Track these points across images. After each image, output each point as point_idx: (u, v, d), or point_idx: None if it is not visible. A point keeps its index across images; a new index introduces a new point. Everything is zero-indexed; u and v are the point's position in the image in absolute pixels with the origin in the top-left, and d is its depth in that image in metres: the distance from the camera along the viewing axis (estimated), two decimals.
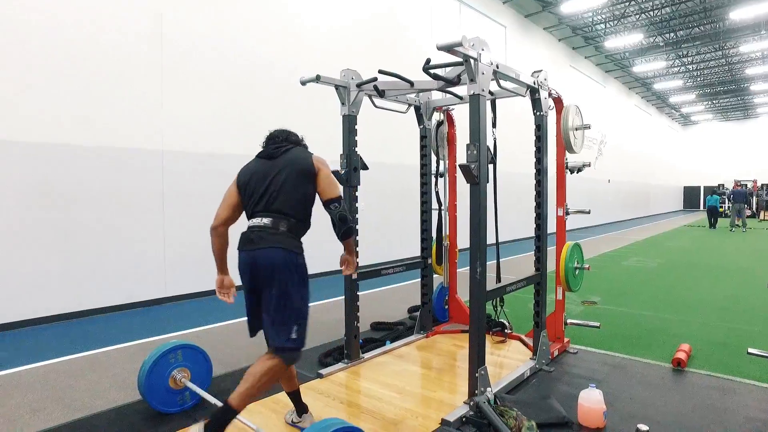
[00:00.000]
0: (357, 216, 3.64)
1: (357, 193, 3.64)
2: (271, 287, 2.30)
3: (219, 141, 6.51)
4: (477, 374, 2.85)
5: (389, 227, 8.85)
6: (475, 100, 2.85)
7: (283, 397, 3.06)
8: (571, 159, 4.08)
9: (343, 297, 3.70)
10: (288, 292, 2.30)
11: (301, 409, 2.70)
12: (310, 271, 2.48)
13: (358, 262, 2.60)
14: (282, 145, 2.55)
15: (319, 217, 2.62)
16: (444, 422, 2.73)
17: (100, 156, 5.42)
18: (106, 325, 5.09)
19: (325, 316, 5.32)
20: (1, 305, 4.79)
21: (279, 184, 2.39)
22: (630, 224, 20.57)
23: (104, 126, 5.46)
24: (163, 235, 5.93)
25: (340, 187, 2.46)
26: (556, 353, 3.88)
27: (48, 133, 5.06)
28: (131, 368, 3.76)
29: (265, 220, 2.36)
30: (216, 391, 2.96)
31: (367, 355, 3.79)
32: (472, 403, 2.83)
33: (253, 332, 2.50)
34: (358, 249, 3.63)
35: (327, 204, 2.48)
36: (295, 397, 2.67)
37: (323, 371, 3.44)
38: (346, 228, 2.50)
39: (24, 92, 4.90)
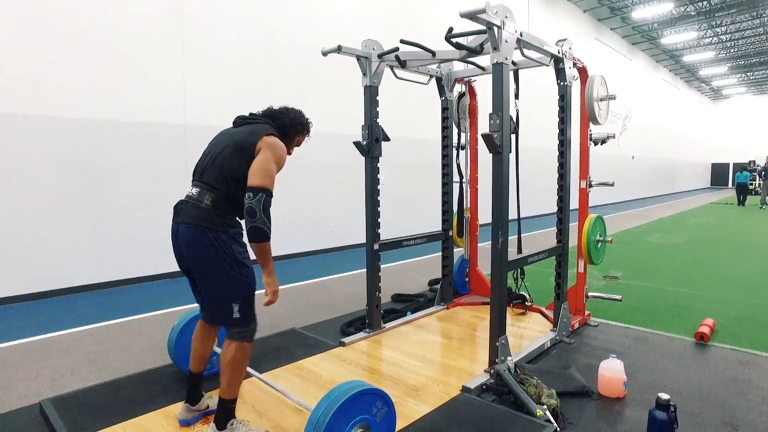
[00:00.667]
0: (379, 187, 3.66)
1: (378, 165, 3.65)
2: (198, 268, 2.18)
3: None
4: (498, 343, 2.89)
5: (409, 202, 8.86)
6: (498, 69, 2.81)
7: (306, 363, 3.17)
8: (595, 130, 4.02)
9: (365, 269, 3.74)
10: (215, 274, 2.13)
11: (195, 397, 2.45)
12: (339, 243, 2.41)
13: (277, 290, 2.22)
14: (255, 119, 2.37)
15: (340, 189, 2.62)
16: (464, 389, 2.78)
17: (126, 130, 5.53)
18: (135, 294, 5.27)
19: (347, 288, 5.41)
20: (41, 274, 4.99)
21: (218, 155, 2.21)
22: (654, 201, 20.17)
23: (129, 101, 5.55)
24: None
25: (270, 179, 2.12)
26: (576, 326, 3.89)
27: (77, 108, 5.16)
28: (161, 334, 3.91)
29: (194, 191, 2.20)
30: None
31: (388, 325, 3.85)
32: (492, 371, 2.87)
33: (200, 308, 2.42)
34: (379, 221, 3.67)
35: (246, 190, 2.10)
36: (196, 380, 2.44)
37: (345, 340, 3.52)
38: (251, 225, 2.05)
39: (52, 68, 4.99)
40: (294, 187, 6.93)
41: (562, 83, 3.61)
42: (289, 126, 2.42)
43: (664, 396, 2.31)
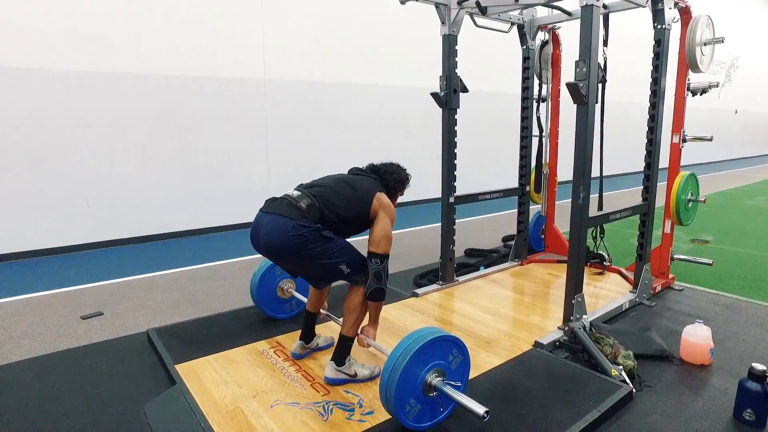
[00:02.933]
0: (456, 139, 3.60)
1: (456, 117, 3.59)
2: (287, 259, 2.28)
3: (316, 70, 6.63)
4: (573, 300, 2.83)
5: (484, 156, 8.66)
6: (587, 12, 2.62)
7: (385, 314, 3.28)
8: (694, 79, 3.66)
9: (438, 224, 3.76)
10: (309, 257, 2.22)
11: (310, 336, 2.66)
12: (412, 198, 2.43)
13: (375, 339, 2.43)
14: (366, 171, 2.56)
15: (414, 143, 2.61)
16: (537, 344, 2.78)
17: (210, 85, 5.80)
18: (220, 241, 5.67)
19: (419, 241, 5.48)
20: (140, 221, 5.49)
21: (333, 184, 2.37)
22: (759, 161, 18.23)
23: (212, 57, 5.78)
24: (266, 159, 6.32)
25: (391, 244, 2.31)
26: (658, 288, 3.71)
27: (166, 66, 5.47)
28: (244, 279, 4.20)
29: (294, 193, 2.32)
30: None
31: (461, 279, 3.88)
32: (566, 328, 2.84)
33: (292, 275, 2.64)
34: (455, 174, 3.65)
35: (371, 255, 2.28)
36: (312, 321, 2.65)
37: (418, 291, 3.60)
38: (375, 287, 2.27)
39: (146, 28, 5.29)
40: (369, 140, 6.99)
41: (659, 26, 3.29)
42: (393, 187, 2.58)
43: (760, 366, 2.16)
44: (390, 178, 2.56)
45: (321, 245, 2.23)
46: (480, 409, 1.85)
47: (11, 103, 4.66)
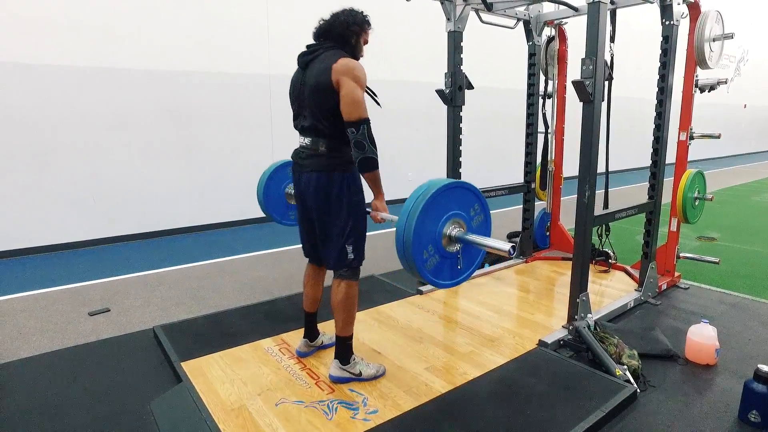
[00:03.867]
0: (461, 137, 3.59)
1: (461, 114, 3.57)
2: (318, 210, 2.24)
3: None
4: (578, 299, 2.82)
5: (489, 152, 8.63)
6: (594, 9, 2.59)
7: (384, 309, 3.30)
8: (702, 75, 3.62)
9: None
10: (335, 219, 2.22)
11: (313, 334, 2.66)
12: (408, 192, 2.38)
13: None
14: (314, 50, 2.24)
15: (419, 137, 2.59)
16: (541, 343, 2.77)
17: (215, 80, 5.80)
18: (226, 237, 5.69)
19: None
20: (146, 217, 5.52)
21: (306, 101, 2.21)
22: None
23: (218, 52, 5.78)
24: (271, 154, 6.32)
25: (362, 107, 2.09)
26: (664, 287, 3.69)
27: (172, 61, 5.47)
28: (251, 275, 4.22)
29: (306, 140, 2.25)
30: None
31: None
32: (571, 327, 2.83)
33: (306, 253, 2.52)
34: (460, 172, 3.63)
35: (345, 125, 2.11)
36: (312, 320, 2.63)
37: (422, 288, 3.60)
38: (361, 156, 2.10)
39: (151, 24, 5.28)
40: (374, 134, 6.96)
41: (667, 22, 3.26)
42: (345, 34, 2.25)
43: (765, 368, 2.14)
44: (335, 27, 2.24)
45: (349, 208, 2.21)
46: (505, 245, 1.78)
47: (18, 98, 4.68)
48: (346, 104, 2.09)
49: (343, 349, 2.37)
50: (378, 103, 2.33)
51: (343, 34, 2.25)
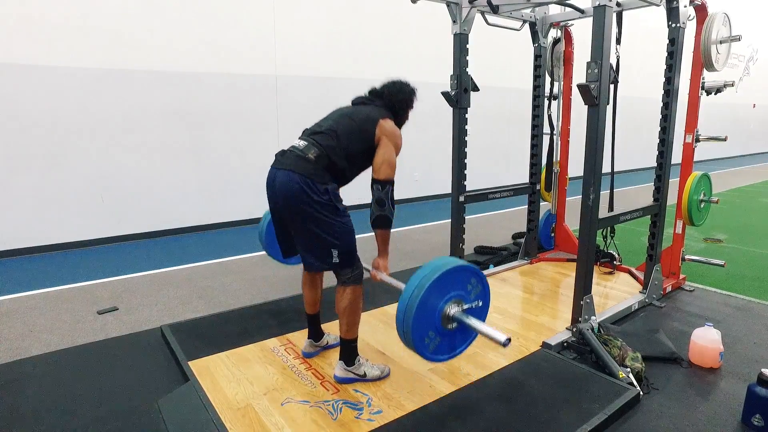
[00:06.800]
0: (466, 139, 3.60)
1: (466, 116, 3.59)
2: (293, 216, 2.19)
3: (327, 64, 6.65)
4: (582, 302, 2.83)
5: (495, 153, 8.63)
6: (600, 12, 2.60)
7: (389, 309, 3.32)
8: (709, 78, 3.61)
9: (448, 220, 3.77)
10: (314, 222, 2.16)
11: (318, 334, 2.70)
12: (423, 193, 2.37)
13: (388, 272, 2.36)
14: (369, 100, 2.43)
15: (425, 138, 2.61)
16: (545, 345, 2.79)
17: (224, 81, 5.84)
18: (232, 236, 5.73)
19: (429, 238, 5.49)
20: (154, 216, 5.57)
21: (335, 123, 2.29)
22: None
23: (225, 53, 5.82)
24: None
25: (394, 170, 2.23)
26: (669, 289, 3.69)
27: (179, 62, 5.52)
28: (257, 275, 4.26)
29: (301, 143, 2.24)
30: None
31: None
32: (574, 329, 2.84)
33: (284, 254, 2.50)
34: (465, 173, 3.65)
35: (373, 181, 2.23)
36: (315, 321, 2.66)
37: None
38: (380, 213, 2.20)
39: (159, 25, 5.33)
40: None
41: (674, 25, 3.26)
42: (399, 110, 2.46)
43: None
44: (394, 99, 2.42)
45: (327, 213, 2.16)
46: (501, 336, 1.80)
47: (30, 100, 4.75)
48: (382, 163, 2.22)
49: (348, 351, 2.39)
50: None
51: (396, 105, 2.44)
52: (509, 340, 1.80)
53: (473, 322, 1.88)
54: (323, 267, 2.30)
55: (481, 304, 2.00)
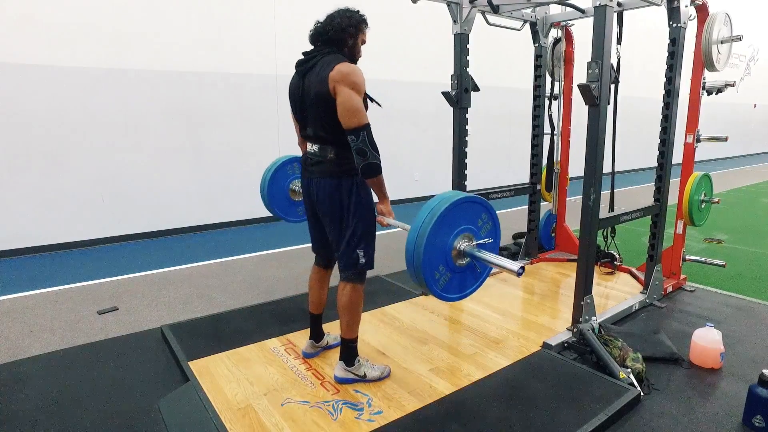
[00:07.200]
0: (466, 138, 3.60)
1: (467, 116, 3.58)
2: (329, 216, 2.24)
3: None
4: (583, 302, 2.83)
5: (495, 153, 8.63)
6: (600, 12, 2.60)
7: (389, 310, 3.32)
8: (710, 78, 3.61)
9: None
10: (346, 223, 2.22)
11: (319, 335, 2.69)
12: (423, 193, 2.36)
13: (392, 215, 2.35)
14: (312, 57, 2.24)
15: (426, 138, 2.59)
16: (545, 345, 2.78)
17: (224, 81, 5.83)
18: (232, 236, 5.73)
19: None
20: (154, 216, 5.57)
21: (309, 109, 2.22)
22: None
23: (225, 53, 5.81)
24: (278, 154, 6.31)
25: (360, 113, 2.07)
26: (669, 289, 3.69)
27: (180, 62, 5.51)
28: (258, 275, 4.26)
29: (314, 147, 2.24)
30: None
31: None
32: (575, 329, 2.84)
33: (314, 250, 2.56)
34: (466, 173, 3.64)
35: (347, 134, 2.09)
36: (317, 321, 2.67)
37: None
38: (363, 163, 2.09)
39: (160, 25, 5.33)
40: (380, 134, 6.98)
41: (674, 25, 3.25)
42: (341, 37, 2.23)
43: None
44: (330, 30, 2.23)
45: (356, 208, 2.20)
46: (514, 265, 1.77)
47: (30, 99, 4.74)
48: (344, 112, 2.07)
49: (348, 351, 2.39)
50: (379, 104, 2.35)
51: (340, 38, 2.23)
52: (523, 268, 1.77)
53: (485, 254, 1.84)
54: (348, 266, 2.28)
55: (491, 241, 1.97)
